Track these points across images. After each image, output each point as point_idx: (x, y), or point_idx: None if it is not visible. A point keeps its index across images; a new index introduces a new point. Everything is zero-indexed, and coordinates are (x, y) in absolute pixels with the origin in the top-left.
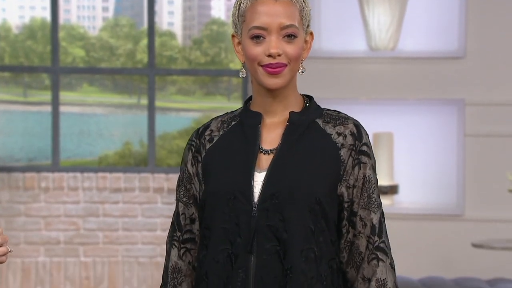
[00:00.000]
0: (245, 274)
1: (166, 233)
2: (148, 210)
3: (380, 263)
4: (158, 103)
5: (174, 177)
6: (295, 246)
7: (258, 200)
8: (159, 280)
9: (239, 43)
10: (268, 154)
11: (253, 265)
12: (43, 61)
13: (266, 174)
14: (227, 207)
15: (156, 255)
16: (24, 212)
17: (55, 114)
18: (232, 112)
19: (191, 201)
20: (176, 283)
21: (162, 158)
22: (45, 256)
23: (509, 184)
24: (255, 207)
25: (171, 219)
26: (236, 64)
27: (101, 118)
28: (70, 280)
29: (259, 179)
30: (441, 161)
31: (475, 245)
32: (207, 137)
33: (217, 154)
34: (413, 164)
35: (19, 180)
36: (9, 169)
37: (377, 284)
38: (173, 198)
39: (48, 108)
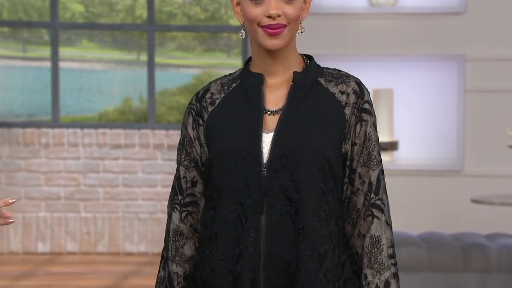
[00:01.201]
0: (256, 234)
1: (166, 189)
2: (148, 166)
3: (375, 220)
4: (157, 59)
5: (174, 134)
6: (307, 206)
7: (267, 161)
8: (159, 236)
9: (238, 3)
10: (274, 114)
11: (263, 225)
12: (42, 16)
13: (274, 135)
14: (236, 168)
15: (157, 211)
16: (24, 168)
17: (55, 70)
18: (230, 74)
19: (192, 165)
20: (178, 245)
21: (162, 114)
22: (46, 212)
23: (509, 139)
24: (264, 168)
25: (171, 175)
26: (236, 20)
27: (101, 74)
28: (70, 235)
29: (267, 139)
30: (441, 117)
31: (474, 201)
32: (208, 100)
33: (221, 117)
34: (413, 120)
35: (19, 136)
36: (9, 125)
37: (371, 241)
38: (173, 155)
39: (48, 64)
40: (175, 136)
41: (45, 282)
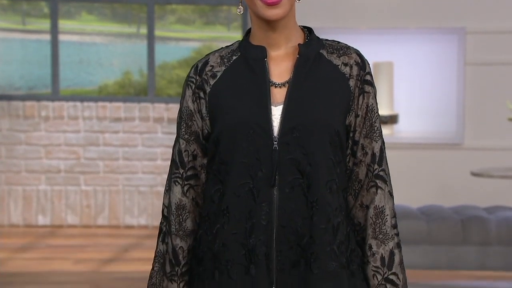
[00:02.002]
0: (268, 208)
1: (166, 163)
2: (148, 139)
3: (379, 190)
4: (157, 32)
5: (174, 107)
6: (320, 179)
7: (278, 134)
8: (159, 209)
9: None
10: (280, 87)
11: (276, 199)
12: None
13: (283, 108)
14: (246, 142)
15: (157, 184)
16: (24, 141)
17: (54, 43)
18: (227, 47)
19: (192, 138)
20: (181, 219)
21: (162, 87)
22: (46, 185)
23: (509, 112)
24: (275, 141)
25: (171, 149)
26: None
27: (101, 47)
28: (71, 208)
29: (276, 112)
30: (441, 91)
31: (474, 174)
32: (209, 73)
33: (225, 90)
34: (412, 93)
35: (19, 109)
36: (9, 98)
37: (375, 211)
38: (173, 128)
39: (47, 37)
40: (175, 109)
41: (46, 255)
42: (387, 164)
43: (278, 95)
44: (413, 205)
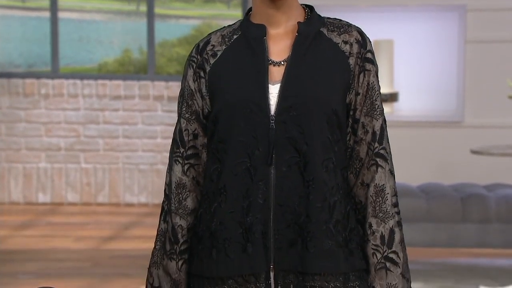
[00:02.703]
0: (265, 186)
1: (166, 141)
2: (148, 117)
3: (379, 169)
4: (157, 10)
5: (174, 85)
6: (316, 158)
7: (275, 112)
8: (159, 187)
9: None
10: (278, 65)
11: (272, 177)
12: None
13: (280, 86)
14: (243, 121)
15: (157, 163)
16: (24, 118)
17: (54, 20)
18: (230, 26)
19: (193, 117)
20: (181, 198)
21: (161, 65)
22: (46, 162)
23: (509, 90)
24: (272, 120)
25: (171, 127)
26: None
27: (100, 24)
28: (71, 186)
29: (273, 91)
30: (441, 68)
31: (474, 152)
32: (210, 52)
33: (224, 69)
34: (413, 71)
35: (19, 86)
36: (8, 75)
37: (375, 190)
38: (173, 106)
39: (47, 14)
40: (175, 87)
41: (46, 232)
42: (388, 142)
43: (276, 73)
44: (413, 183)
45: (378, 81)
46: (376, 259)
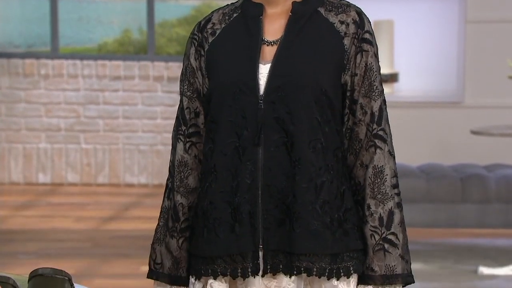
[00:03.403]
0: (253, 166)
1: (166, 122)
2: (148, 98)
3: (378, 150)
4: None
5: (174, 66)
6: (303, 138)
7: (264, 92)
8: (159, 168)
9: None
10: (272, 45)
11: (261, 157)
12: None
13: (270, 66)
14: (233, 100)
15: (157, 143)
16: (24, 99)
17: (53, 0)
18: (233, 4)
19: (195, 95)
20: (183, 176)
21: (161, 46)
22: (46, 143)
23: (509, 70)
24: (261, 100)
25: (171, 108)
26: None
27: (100, 4)
28: (71, 166)
29: (264, 71)
30: (441, 48)
31: (474, 132)
32: (209, 31)
33: (220, 47)
34: (413, 51)
35: (19, 67)
36: (8, 55)
37: (374, 171)
38: (173, 87)
39: None
40: (175, 68)
41: (46, 212)
42: (387, 123)
43: (269, 53)
44: (413, 164)
45: (378, 61)
46: (374, 241)
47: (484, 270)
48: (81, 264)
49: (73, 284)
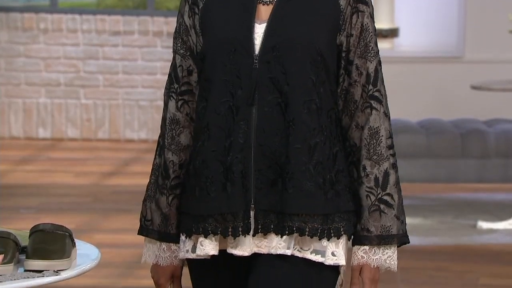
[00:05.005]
0: (246, 126)
1: (166, 77)
2: (148, 53)
3: (374, 111)
4: None
5: (174, 21)
6: (297, 98)
7: (259, 52)
8: (159, 123)
9: None
10: (268, 4)
11: (254, 117)
12: None
13: (266, 26)
14: (228, 59)
15: (157, 99)
16: (23, 53)
17: None
18: None
19: (188, 53)
20: (174, 134)
21: (161, 1)
22: (46, 98)
23: (510, 25)
24: (256, 60)
25: (170, 63)
26: None
27: None
28: (71, 121)
29: (259, 31)
30: (442, 3)
31: (474, 87)
32: None
33: (215, 6)
34: (413, 6)
35: (18, 21)
36: (7, 9)
37: (369, 132)
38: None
39: None
40: (174, 23)
41: (46, 167)
42: (383, 84)
43: (264, 12)
44: (413, 119)
45: (374, 22)
46: (370, 201)
47: (483, 224)
48: (82, 219)
49: (73, 240)
